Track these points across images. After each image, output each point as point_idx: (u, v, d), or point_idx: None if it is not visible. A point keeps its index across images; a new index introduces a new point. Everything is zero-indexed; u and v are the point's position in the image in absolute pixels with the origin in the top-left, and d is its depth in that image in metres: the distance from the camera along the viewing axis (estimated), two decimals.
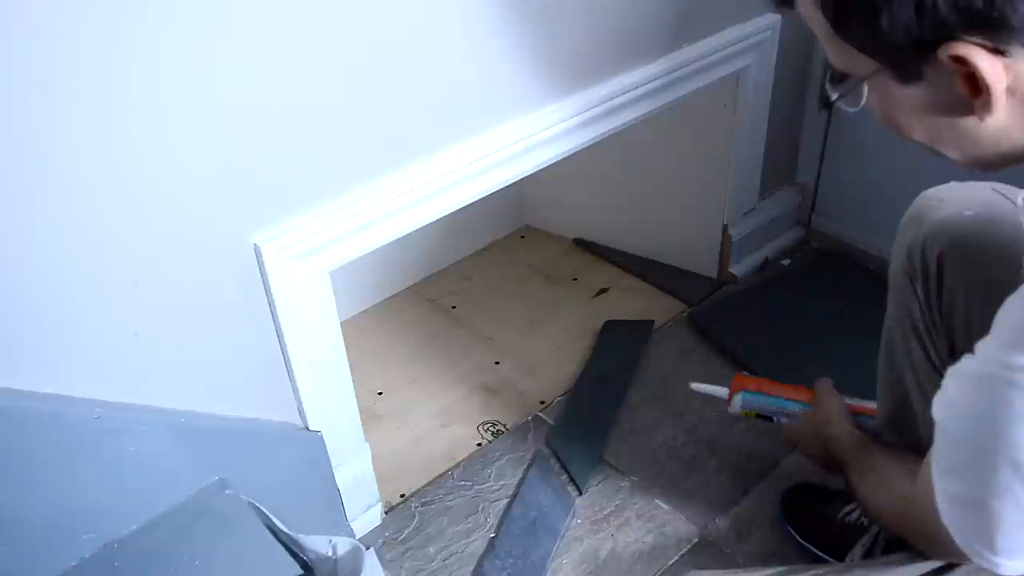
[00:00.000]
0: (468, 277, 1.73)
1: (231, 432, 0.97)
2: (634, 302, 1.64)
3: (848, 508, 1.10)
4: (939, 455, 0.64)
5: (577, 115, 1.13)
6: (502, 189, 1.10)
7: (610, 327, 1.57)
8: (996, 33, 0.52)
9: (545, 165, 1.14)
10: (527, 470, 1.30)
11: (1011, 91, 0.55)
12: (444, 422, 1.41)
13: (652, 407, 1.40)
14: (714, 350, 1.50)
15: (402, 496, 1.28)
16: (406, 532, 1.22)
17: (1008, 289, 0.60)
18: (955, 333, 0.83)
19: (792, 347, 1.43)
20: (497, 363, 1.52)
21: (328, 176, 0.92)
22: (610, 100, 1.16)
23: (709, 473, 1.28)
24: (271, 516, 1.01)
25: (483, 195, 1.08)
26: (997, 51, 0.52)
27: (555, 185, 1.71)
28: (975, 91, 0.55)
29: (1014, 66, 0.53)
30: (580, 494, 1.26)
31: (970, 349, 0.78)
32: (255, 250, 0.89)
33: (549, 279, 1.72)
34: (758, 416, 1.16)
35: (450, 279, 1.73)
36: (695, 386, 1.21)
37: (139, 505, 0.92)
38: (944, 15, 0.52)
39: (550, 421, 1.39)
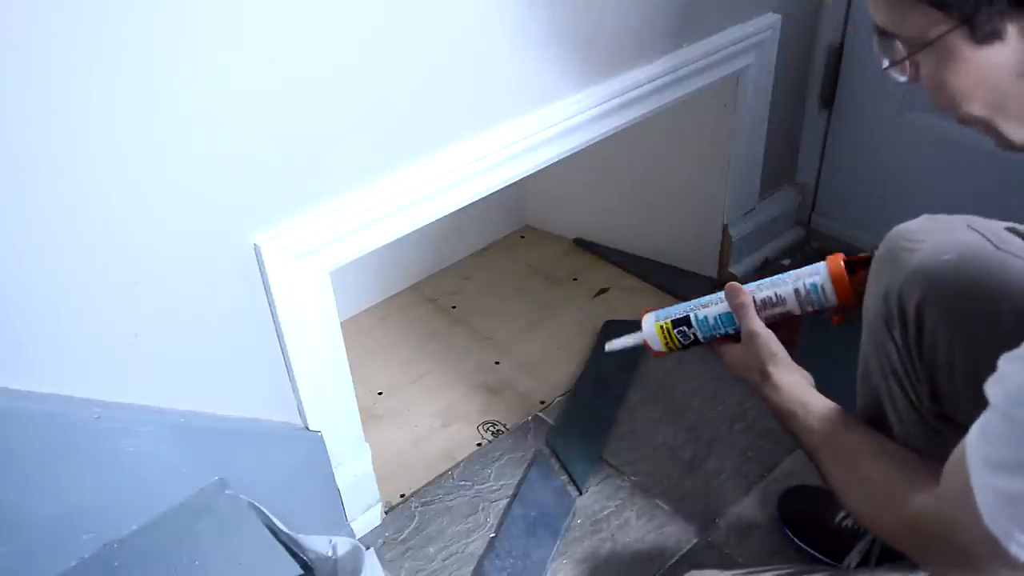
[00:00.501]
0: (468, 277, 1.74)
1: (231, 432, 0.97)
2: (634, 302, 1.64)
3: (845, 511, 1.10)
4: (993, 448, 0.55)
5: (576, 115, 1.13)
6: (502, 189, 1.10)
7: (610, 327, 1.57)
8: None
9: (545, 165, 1.14)
10: (527, 470, 1.30)
11: None
12: (444, 422, 1.41)
13: (652, 407, 1.40)
14: (714, 350, 1.50)
15: (402, 496, 1.28)
16: (406, 532, 1.22)
17: (991, 330, 0.57)
18: (937, 376, 0.79)
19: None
20: (497, 363, 1.52)
21: (328, 176, 0.92)
22: (611, 100, 1.16)
23: (709, 473, 1.28)
24: (271, 516, 1.01)
25: (484, 195, 1.08)
26: None
27: (555, 185, 1.71)
28: None
29: None
30: (580, 494, 1.26)
31: (954, 392, 0.73)
32: (255, 250, 0.89)
33: (549, 279, 1.72)
34: (682, 343, 0.96)
35: (450, 279, 1.73)
36: (610, 346, 0.99)
37: (139, 505, 0.92)
38: None
39: (550, 421, 1.39)
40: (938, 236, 0.80)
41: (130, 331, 0.84)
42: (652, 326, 0.96)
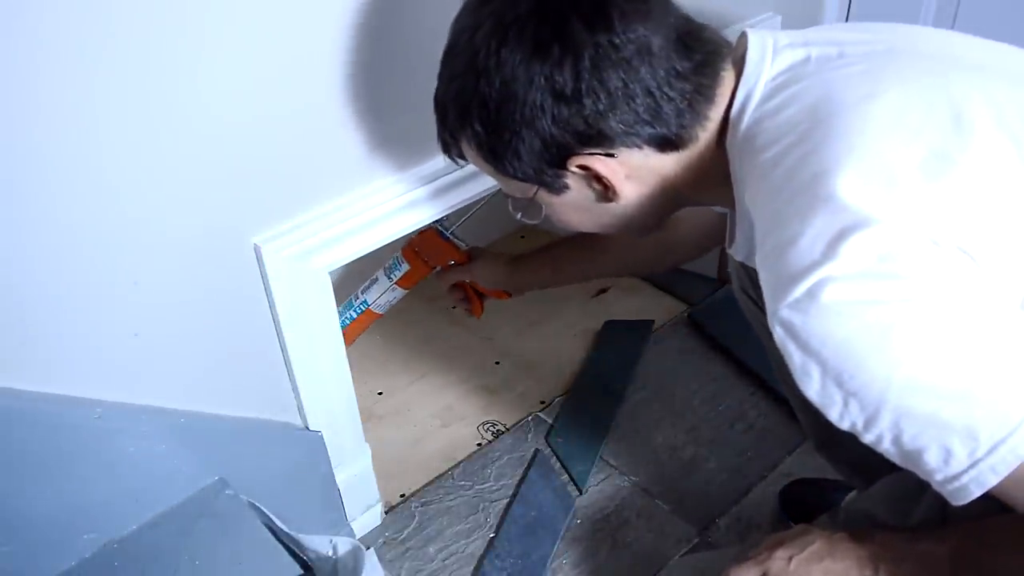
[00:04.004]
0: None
1: (231, 432, 0.97)
2: (634, 302, 1.64)
3: (849, 497, 1.10)
4: None
5: None
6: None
7: (610, 327, 1.57)
8: (601, 143, 0.68)
9: None
10: (527, 470, 1.30)
11: (630, 177, 0.72)
12: (444, 422, 1.41)
13: (652, 407, 1.40)
14: (714, 350, 1.50)
15: (402, 496, 1.28)
16: (406, 532, 1.22)
17: None
18: None
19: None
20: (497, 363, 1.52)
21: (328, 176, 0.92)
22: None
23: (709, 473, 1.28)
24: (271, 516, 1.01)
25: (484, 194, 1.08)
26: (608, 155, 0.69)
27: None
28: (605, 186, 0.72)
29: (626, 160, 0.70)
30: (580, 494, 1.26)
31: None
32: (255, 250, 0.89)
33: None
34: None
35: None
36: None
37: (139, 505, 0.92)
38: (560, 140, 0.68)
39: (550, 421, 1.39)
40: None
41: (130, 331, 0.84)
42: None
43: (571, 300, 1.66)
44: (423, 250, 1.21)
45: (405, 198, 0.98)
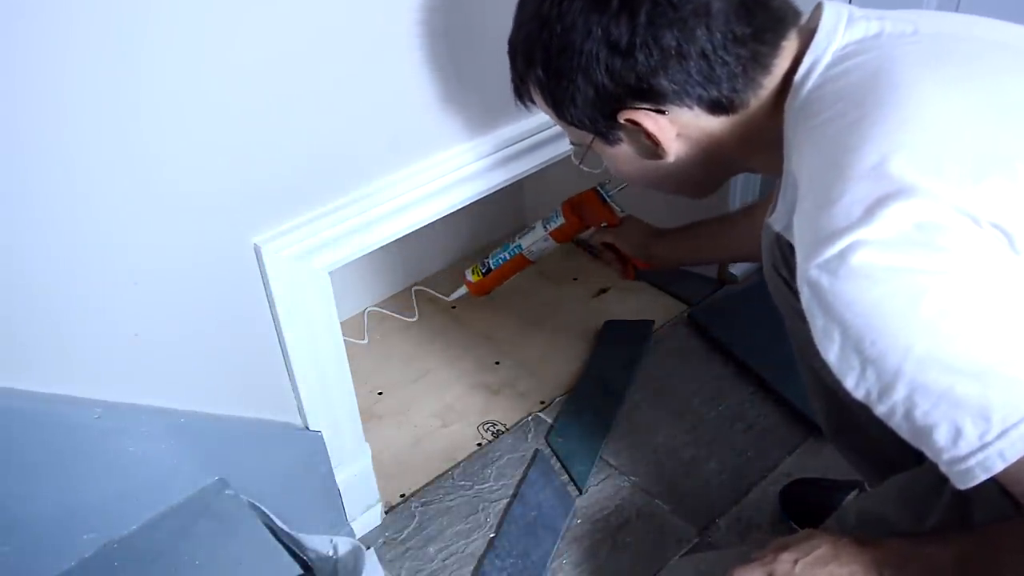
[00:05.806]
0: None
1: (231, 432, 0.97)
2: (634, 302, 1.64)
3: (851, 496, 1.10)
4: None
5: None
6: (502, 188, 1.10)
7: (610, 327, 1.57)
8: (652, 99, 0.70)
9: (545, 164, 1.14)
10: (527, 470, 1.30)
11: (681, 136, 0.73)
12: (444, 422, 1.41)
13: (652, 407, 1.40)
14: (714, 350, 1.50)
15: (402, 496, 1.28)
16: (406, 532, 1.22)
17: None
18: None
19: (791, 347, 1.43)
20: (497, 363, 1.52)
21: (328, 176, 0.92)
22: None
23: (709, 473, 1.28)
24: (271, 516, 1.01)
25: (485, 194, 1.08)
26: (659, 111, 0.71)
27: (555, 185, 1.71)
28: (655, 142, 0.73)
29: (677, 119, 0.71)
30: (580, 494, 1.26)
31: None
32: (255, 250, 0.89)
33: (549, 279, 1.72)
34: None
35: (450, 279, 1.73)
36: None
37: (139, 505, 0.92)
38: (612, 91, 0.70)
39: (550, 421, 1.39)
40: None
41: (130, 331, 0.84)
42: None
43: (571, 300, 1.66)
44: (580, 208, 1.22)
45: (404, 199, 0.98)
